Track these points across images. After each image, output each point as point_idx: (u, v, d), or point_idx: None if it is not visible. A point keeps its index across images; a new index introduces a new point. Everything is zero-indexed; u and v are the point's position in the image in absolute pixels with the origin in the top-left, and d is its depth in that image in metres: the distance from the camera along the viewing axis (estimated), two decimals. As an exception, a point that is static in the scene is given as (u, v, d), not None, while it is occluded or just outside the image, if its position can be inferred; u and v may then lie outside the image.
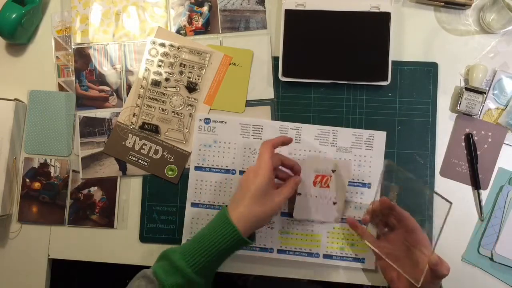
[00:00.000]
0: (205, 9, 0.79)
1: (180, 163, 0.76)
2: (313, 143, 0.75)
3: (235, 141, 0.76)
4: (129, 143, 0.76)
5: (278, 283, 0.81)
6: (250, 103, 0.77)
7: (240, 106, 0.76)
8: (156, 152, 0.76)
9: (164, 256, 0.60)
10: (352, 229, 0.71)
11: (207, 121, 0.76)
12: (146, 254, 0.76)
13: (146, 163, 0.76)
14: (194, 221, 0.75)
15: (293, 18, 0.74)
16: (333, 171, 0.72)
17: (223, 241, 0.57)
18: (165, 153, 0.75)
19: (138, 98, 0.75)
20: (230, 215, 0.58)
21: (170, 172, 0.75)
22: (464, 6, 0.74)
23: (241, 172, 0.75)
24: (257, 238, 0.74)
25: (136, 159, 0.76)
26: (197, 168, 0.76)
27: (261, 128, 0.75)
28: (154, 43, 0.76)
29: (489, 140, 0.73)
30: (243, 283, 0.90)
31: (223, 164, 0.75)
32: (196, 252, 0.57)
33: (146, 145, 0.76)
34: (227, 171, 0.75)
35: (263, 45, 0.77)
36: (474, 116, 0.73)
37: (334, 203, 0.73)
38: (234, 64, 0.77)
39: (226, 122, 0.76)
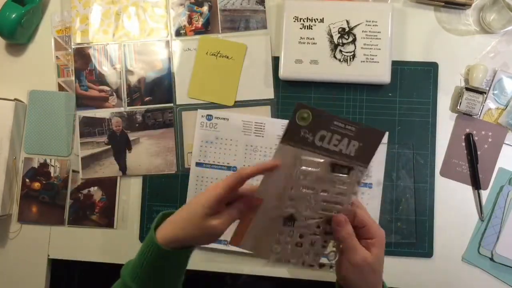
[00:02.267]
0: (205, 9, 0.79)
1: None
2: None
3: (236, 138, 0.76)
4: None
5: (276, 282, 0.81)
6: (249, 103, 0.77)
7: (229, 99, 0.77)
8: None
9: (122, 270, 0.57)
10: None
11: (209, 117, 0.76)
12: (146, 254, 0.76)
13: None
14: (194, 220, 0.75)
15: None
16: None
17: (146, 251, 0.54)
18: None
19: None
20: (162, 224, 0.55)
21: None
22: (464, 6, 0.74)
23: (242, 172, 0.75)
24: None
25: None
26: (198, 164, 0.76)
27: (263, 126, 0.75)
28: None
29: (489, 140, 0.73)
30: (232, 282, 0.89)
31: (224, 161, 0.75)
32: (135, 267, 0.55)
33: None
34: (228, 168, 0.75)
35: (263, 45, 0.77)
36: (474, 116, 0.73)
37: None
38: (227, 57, 0.77)
39: (228, 119, 0.76)
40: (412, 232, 0.73)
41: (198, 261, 0.75)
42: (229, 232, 0.74)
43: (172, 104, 0.78)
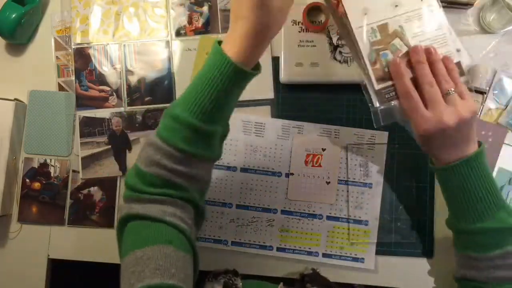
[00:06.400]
0: (205, 9, 0.79)
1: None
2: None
3: (236, 138, 0.76)
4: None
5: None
6: (249, 103, 0.77)
7: None
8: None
9: (167, 114, 0.52)
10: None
11: (207, 120, 0.76)
12: (146, 254, 0.76)
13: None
14: (194, 220, 0.75)
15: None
16: (323, 149, 0.73)
17: (219, 78, 0.49)
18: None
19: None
20: (223, 45, 0.50)
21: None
22: (467, 5, 0.74)
23: (242, 169, 0.75)
24: (256, 236, 0.74)
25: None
26: (198, 167, 0.76)
27: (263, 126, 0.75)
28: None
29: (489, 140, 0.73)
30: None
31: (224, 161, 0.75)
32: (196, 99, 0.50)
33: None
34: (228, 168, 0.75)
35: (263, 45, 0.77)
36: (474, 116, 0.73)
37: (328, 183, 0.73)
38: None
39: (227, 120, 0.76)
40: (412, 232, 0.73)
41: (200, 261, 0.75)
42: (229, 232, 0.74)
43: (172, 104, 0.78)
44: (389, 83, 0.60)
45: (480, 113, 0.73)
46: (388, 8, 0.61)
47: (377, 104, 0.60)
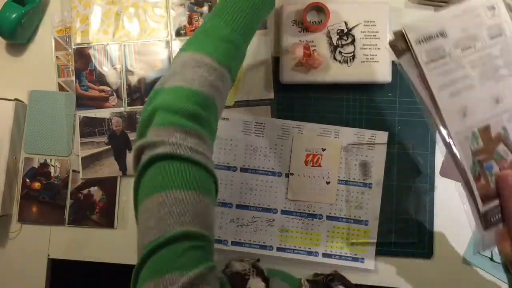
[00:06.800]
0: (205, 9, 0.79)
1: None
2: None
3: (236, 138, 0.76)
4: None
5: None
6: (249, 103, 0.77)
7: (229, 99, 0.76)
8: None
9: (210, 33, 0.54)
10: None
11: (207, 120, 0.76)
12: (146, 254, 0.76)
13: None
14: (194, 220, 0.75)
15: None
16: (323, 149, 0.73)
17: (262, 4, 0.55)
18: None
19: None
20: None
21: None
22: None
23: (242, 169, 0.75)
24: (256, 236, 0.74)
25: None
26: (198, 167, 0.76)
27: (263, 126, 0.75)
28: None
29: (489, 140, 0.73)
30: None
31: (224, 161, 0.75)
32: (236, 15, 0.54)
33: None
34: (228, 168, 0.75)
35: (263, 45, 0.77)
36: (474, 116, 0.73)
37: (328, 183, 0.73)
38: None
39: (228, 119, 0.76)
40: (412, 232, 0.73)
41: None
42: (229, 232, 0.74)
43: (172, 104, 0.78)
44: (496, 202, 0.47)
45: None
46: (488, 104, 0.47)
47: (482, 231, 0.48)
